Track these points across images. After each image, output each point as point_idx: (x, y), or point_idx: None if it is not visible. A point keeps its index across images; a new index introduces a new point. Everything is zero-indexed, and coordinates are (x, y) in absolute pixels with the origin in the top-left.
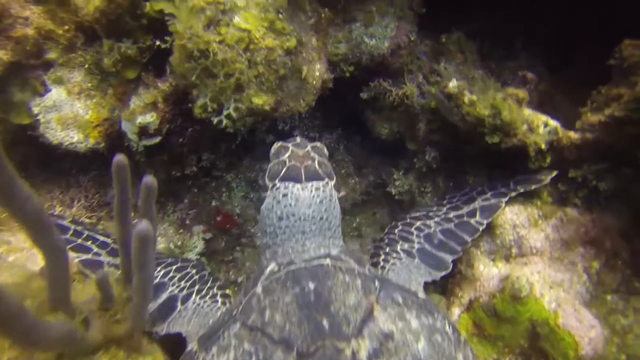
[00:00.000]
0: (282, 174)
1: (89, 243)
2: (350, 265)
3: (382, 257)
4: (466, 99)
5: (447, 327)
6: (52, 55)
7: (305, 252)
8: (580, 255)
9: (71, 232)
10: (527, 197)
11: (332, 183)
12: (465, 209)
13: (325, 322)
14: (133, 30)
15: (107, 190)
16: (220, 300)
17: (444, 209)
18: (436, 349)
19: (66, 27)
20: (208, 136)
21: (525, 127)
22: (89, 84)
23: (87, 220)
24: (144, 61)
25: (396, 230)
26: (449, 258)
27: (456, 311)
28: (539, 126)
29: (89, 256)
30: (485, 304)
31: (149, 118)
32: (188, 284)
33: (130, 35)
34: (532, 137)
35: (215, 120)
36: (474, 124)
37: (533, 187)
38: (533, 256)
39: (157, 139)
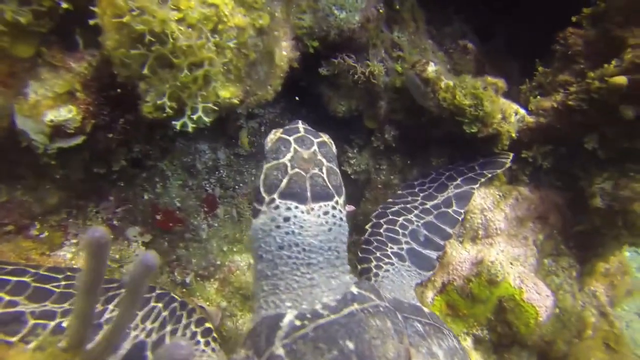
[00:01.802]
0: (282, 187)
1: None
2: (372, 301)
3: (374, 263)
4: (442, 84)
5: (454, 340)
6: None
7: (316, 288)
8: (531, 230)
9: None
10: (489, 179)
11: (342, 200)
12: (440, 198)
13: None
14: None
15: None
16: (202, 341)
17: (419, 199)
18: None
19: None
20: (143, 126)
21: (500, 116)
22: None
23: None
24: (44, 31)
25: (382, 230)
26: (434, 255)
27: (430, 294)
28: (511, 115)
29: (0, 309)
30: (460, 287)
31: (66, 113)
32: (156, 324)
33: None
34: (506, 127)
35: (177, 124)
36: (451, 111)
37: (498, 171)
38: (497, 236)
39: (79, 139)
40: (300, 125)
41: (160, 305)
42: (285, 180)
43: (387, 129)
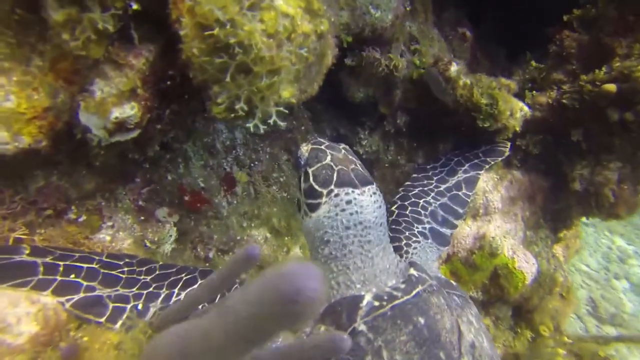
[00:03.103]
0: (335, 179)
1: (72, 277)
2: (429, 281)
3: (404, 241)
4: (461, 82)
5: (474, 306)
6: None
7: (376, 268)
8: (520, 208)
9: (41, 268)
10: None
11: (376, 185)
12: (451, 182)
13: (442, 355)
14: None
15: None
16: None
17: (434, 182)
18: (488, 337)
19: None
20: (185, 115)
21: (509, 113)
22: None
23: (18, 235)
24: (113, 31)
25: (407, 212)
26: (449, 233)
27: (435, 264)
28: (517, 111)
29: (81, 294)
30: (464, 258)
31: (130, 110)
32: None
33: None
34: (512, 122)
35: (250, 125)
36: (467, 107)
37: (499, 159)
38: (494, 214)
39: (135, 133)
40: (322, 139)
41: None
42: (335, 174)
43: (400, 115)
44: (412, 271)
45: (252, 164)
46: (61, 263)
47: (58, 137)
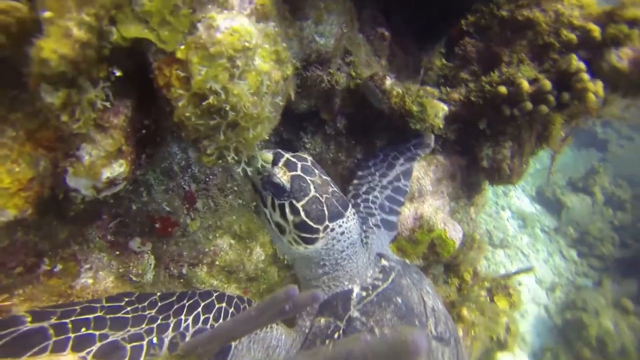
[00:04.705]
0: (327, 214)
1: (83, 330)
2: (396, 267)
3: (364, 235)
4: (395, 92)
5: (426, 278)
6: None
7: (359, 266)
8: (445, 186)
9: (51, 331)
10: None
11: None
12: (391, 175)
13: (417, 322)
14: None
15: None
16: None
17: (377, 177)
18: (440, 299)
19: None
20: (157, 156)
21: (434, 114)
22: None
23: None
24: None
25: (361, 209)
26: (395, 219)
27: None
28: (439, 112)
29: (97, 344)
30: (407, 237)
31: (119, 168)
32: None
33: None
34: (437, 121)
35: (239, 169)
36: (401, 113)
37: (427, 151)
38: (427, 195)
39: (122, 186)
40: (287, 154)
41: (223, 305)
42: (325, 208)
43: (339, 119)
44: (384, 261)
45: (207, 179)
46: (67, 320)
47: (42, 203)
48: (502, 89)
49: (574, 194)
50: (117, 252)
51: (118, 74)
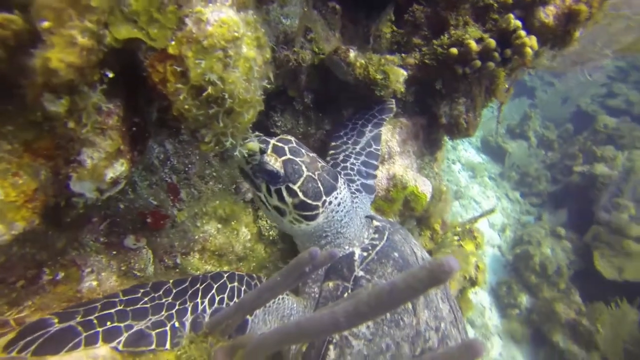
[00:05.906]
0: (322, 189)
1: (108, 324)
2: (388, 226)
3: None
4: (358, 64)
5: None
6: None
7: (355, 230)
8: (410, 145)
9: (80, 328)
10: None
11: None
12: (363, 142)
13: None
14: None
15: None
16: None
17: (350, 146)
18: (423, 249)
19: None
20: (145, 151)
21: (395, 80)
22: None
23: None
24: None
25: (342, 176)
26: (372, 182)
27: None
28: (400, 77)
29: (125, 335)
30: (384, 196)
31: (120, 167)
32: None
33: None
34: (398, 86)
35: (237, 154)
36: (366, 82)
37: (391, 115)
38: (396, 156)
39: (123, 184)
40: (272, 140)
41: (235, 284)
42: (320, 185)
43: (306, 95)
44: (376, 222)
45: (186, 169)
46: (92, 317)
47: (47, 211)
48: (454, 50)
49: (513, 140)
50: (114, 252)
51: (110, 75)
